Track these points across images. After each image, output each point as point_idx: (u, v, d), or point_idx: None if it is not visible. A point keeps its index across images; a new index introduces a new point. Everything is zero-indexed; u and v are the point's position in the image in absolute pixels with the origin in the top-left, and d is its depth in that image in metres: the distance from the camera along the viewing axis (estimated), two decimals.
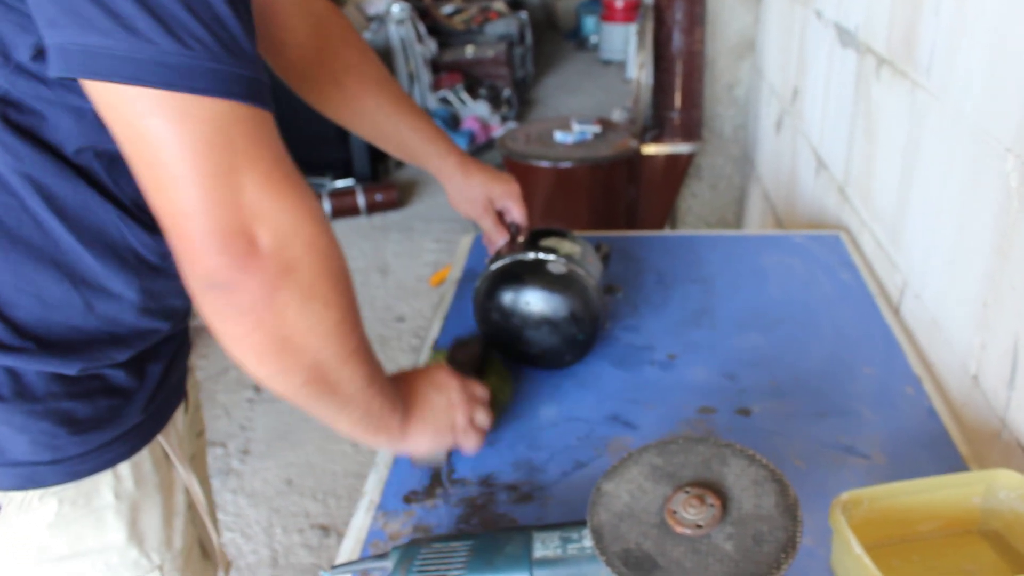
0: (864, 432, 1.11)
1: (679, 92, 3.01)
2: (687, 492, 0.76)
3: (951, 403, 1.20)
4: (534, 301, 1.19)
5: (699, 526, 0.74)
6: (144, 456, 0.93)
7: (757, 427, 1.13)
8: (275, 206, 0.67)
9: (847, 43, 1.82)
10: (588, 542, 0.81)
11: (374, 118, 1.22)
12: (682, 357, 1.29)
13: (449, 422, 0.97)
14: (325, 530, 2.47)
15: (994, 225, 1.10)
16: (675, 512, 0.75)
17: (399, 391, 0.92)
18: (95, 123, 0.71)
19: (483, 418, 1.01)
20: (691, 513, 0.74)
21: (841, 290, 1.46)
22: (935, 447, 1.08)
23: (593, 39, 8.00)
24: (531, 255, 1.21)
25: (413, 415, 0.94)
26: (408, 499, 1.04)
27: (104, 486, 0.89)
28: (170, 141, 0.63)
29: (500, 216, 1.33)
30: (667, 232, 2.63)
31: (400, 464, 1.10)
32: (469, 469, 1.08)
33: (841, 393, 1.19)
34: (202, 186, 0.64)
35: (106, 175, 0.79)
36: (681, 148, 3.08)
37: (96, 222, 0.79)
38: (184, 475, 1.00)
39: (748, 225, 3.21)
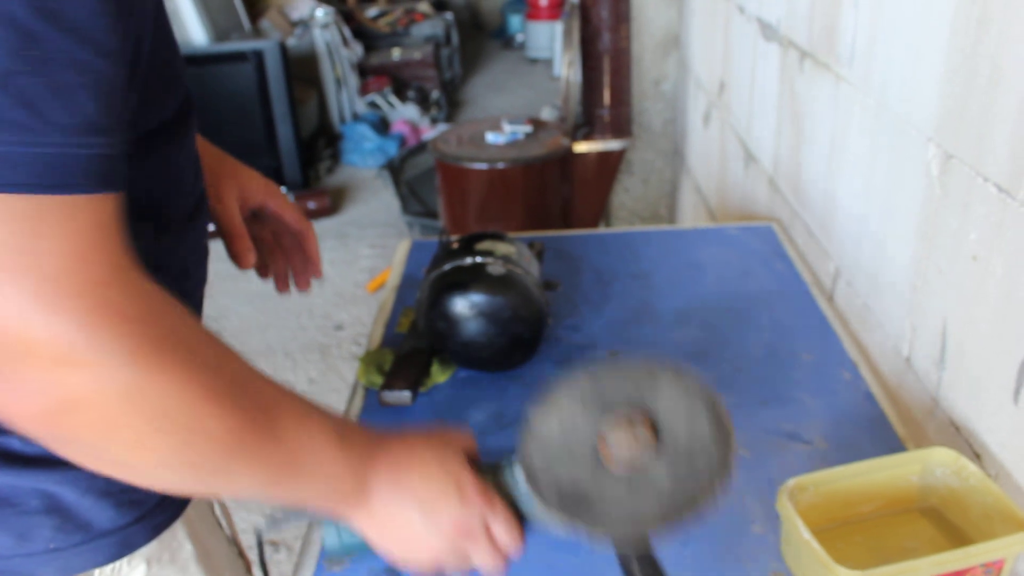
0: (805, 418, 1.14)
1: (608, 89, 3.04)
2: (618, 422, 0.73)
3: (886, 386, 1.24)
4: (478, 305, 1.19)
5: (632, 457, 0.72)
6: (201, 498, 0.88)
7: None
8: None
9: (770, 37, 1.86)
10: (521, 478, 0.77)
11: None
12: (624, 353, 1.30)
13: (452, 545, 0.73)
14: (275, 545, 2.44)
15: (918, 212, 1.13)
16: (608, 443, 0.72)
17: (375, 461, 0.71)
18: None
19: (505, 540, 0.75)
20: (623, 444, 0.72)
21: (776, 280, 1.49)
22: (873, 429, 1.11)
23: (519, 37, 8.02)
24: (469, 260, 1.22)
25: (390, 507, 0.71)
26: None
27: (181, 535, 0.83)
28: None
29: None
30: (603, 230, 2.64)
31: None
32: None
33: (781, 381, 1.22)
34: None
35: None
36: (612, 145, 3.10)
37: None
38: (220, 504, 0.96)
39: (681, 219, 3.25)
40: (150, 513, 0.78)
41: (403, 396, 1.18)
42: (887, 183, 1.24)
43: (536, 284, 1.24)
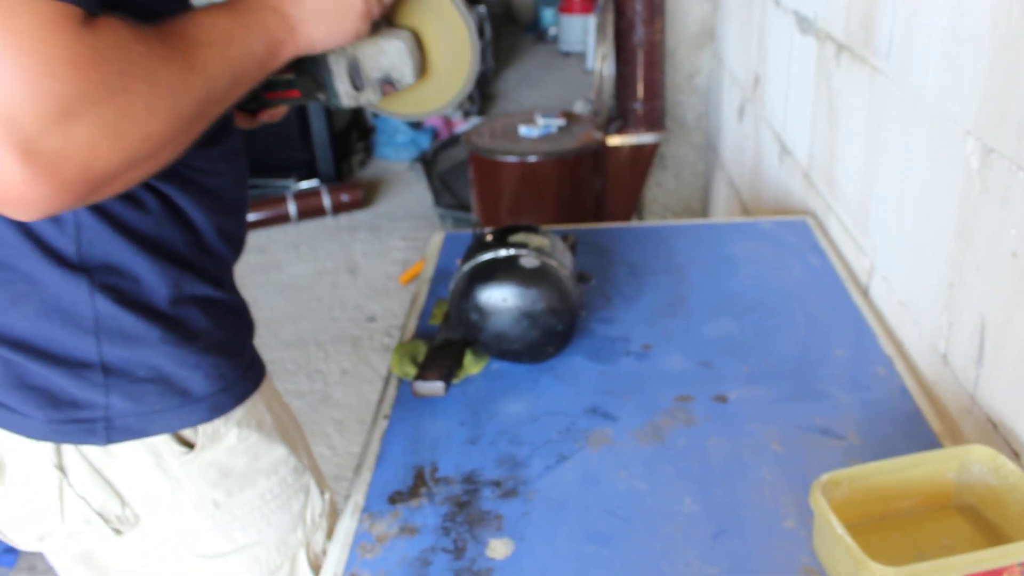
0: (839, 414, 1.13)
1: (641, 83, 3.02)
2: None
3: (922, 382, 1.23)
4: (511, 297, 1.20)
5: None
6: (268, 377, 1.02)
7: (734, 413, 1.15)
8: None
9: (806, 30, 1.84)
10: None
11: None
12: (657, 347, 1.30)
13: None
14: None
15: (956, 207, 1.12)
16: None
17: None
18: None
19: None
20: None
21: (810, 274, 1.49)
22: (908, 426, 1.10)
23: (552, 31, 7.99)
24: (503, 252, 1.22)
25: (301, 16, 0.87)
26: (393, 500, 1.04)
27: (261, 407, 0.97)
28: None
29: None
30: (636, 223, 2.64)
31: (384, 465, 1.10)
32: (452, 467, 1.08)
33: (815, 376, 1.21)
34: None
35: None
36: (645, 138, 3.09)
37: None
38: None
39: (714, 213, 3.23)
40: (233, 385, 0.93)
41: (436, 387, 1.19)
42: (924, 177, 1.22)
43: (570, 277, 1.24)
